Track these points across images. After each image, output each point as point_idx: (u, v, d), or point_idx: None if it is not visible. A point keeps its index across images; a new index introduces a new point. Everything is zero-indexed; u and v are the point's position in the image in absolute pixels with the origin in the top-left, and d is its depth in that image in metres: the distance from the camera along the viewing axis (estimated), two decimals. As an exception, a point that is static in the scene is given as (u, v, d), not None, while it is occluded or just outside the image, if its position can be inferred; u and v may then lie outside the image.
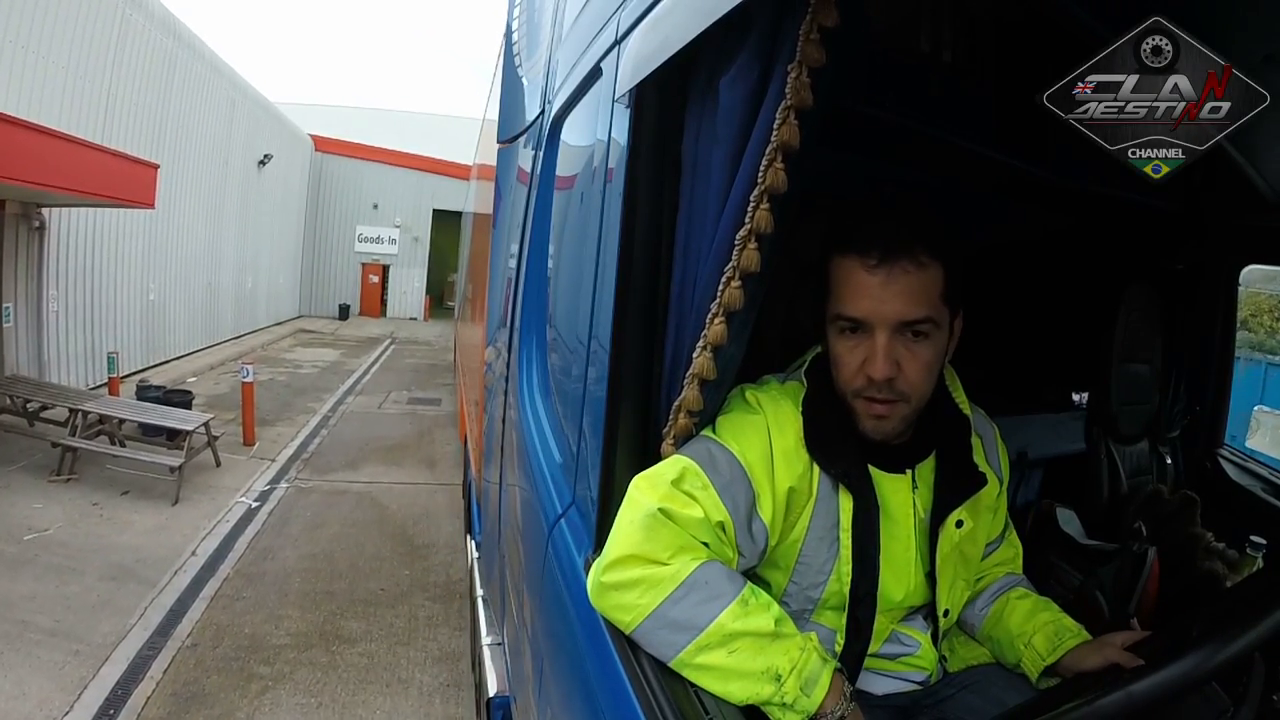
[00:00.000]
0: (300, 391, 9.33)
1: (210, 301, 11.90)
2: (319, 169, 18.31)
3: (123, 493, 5.09)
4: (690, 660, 0.80)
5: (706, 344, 0.83)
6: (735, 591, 0.81)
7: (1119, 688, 0.74)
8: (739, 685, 0.79)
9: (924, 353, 0.89)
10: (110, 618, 3.48)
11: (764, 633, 0.80)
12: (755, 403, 0.93)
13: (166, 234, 10.00)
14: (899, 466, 0.96)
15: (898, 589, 0.95)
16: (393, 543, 4.69)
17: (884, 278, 0.86)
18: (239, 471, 5.85)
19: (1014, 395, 1.82)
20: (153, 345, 9.75)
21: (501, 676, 1.74)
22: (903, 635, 1.01)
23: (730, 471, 0.87)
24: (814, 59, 0.70)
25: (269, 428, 7.22)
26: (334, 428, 7.64)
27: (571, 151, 1.43)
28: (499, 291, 2.37)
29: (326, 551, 4.47)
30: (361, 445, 6.98)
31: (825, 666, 0.81)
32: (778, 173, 0.75)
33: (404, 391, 9.84)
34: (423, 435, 7.58)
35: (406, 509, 5.30)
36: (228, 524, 4.82)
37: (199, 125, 10.81)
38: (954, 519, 0.96)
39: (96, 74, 7.72)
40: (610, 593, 0.83)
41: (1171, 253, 2.06)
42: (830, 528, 0.91)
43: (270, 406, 8.10)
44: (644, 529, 0.82)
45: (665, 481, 0.84)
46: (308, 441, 7.02)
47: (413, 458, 6.70)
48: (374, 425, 7.84)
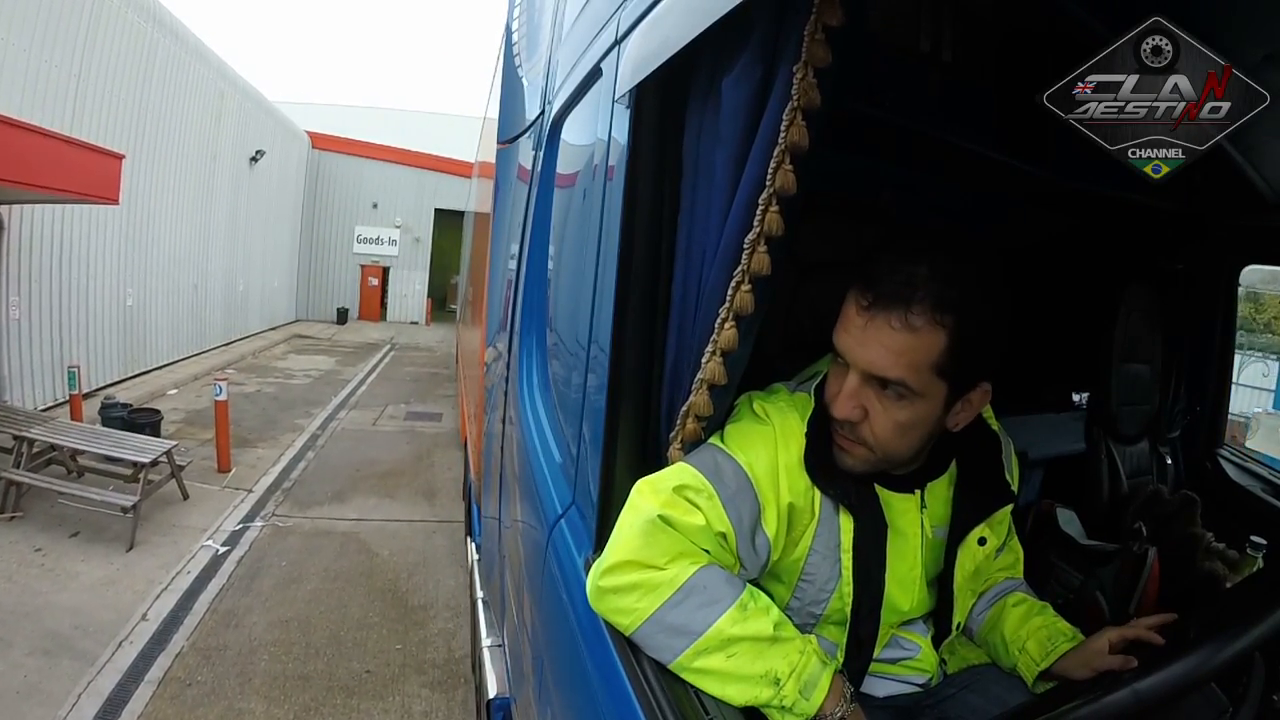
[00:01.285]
0: (288, 405, 8.46)
1: (197, 306, 11.11)
2: (316, 167, 17.50)
3: (72, 534, 4.34)
4: (689, 664, 0.80)
5: (717, 349, 0.82)
6: (734, 596, 0.81)
7: (1122, 686, 0.74)
8: (738, 688, 0.79)
9: (897, 411, 0.84)
10: (35, 710, 2.85)
11: (763, 637, 0.80)
12: (763, 413, 0.92)
13: (147, 234, 9.14)
14: (908, 486, 0.95)
15: (903, 603, 0.96)
16: (383, 603, 3.92)
17: (867, 321, 0.82)
18: (209, 505, 5.08)
19: (1014, 395, 1.82)
20: (131, 355, 8.87)
21: (501, 678, 1.74)
22: (903, 639, 1.01)
23: (736, 483, 0.86)
24: (820, 59, 0.70)
25: (249, 449, 6.47)
26: (322, 449, 6.81)
27: (571, 152, 1.43)
28: (499, 293, 2.37)
29: (302, 617, 3.69)
30: (351, 471, 6.15)
31: (825, 669, 0.81)
32: (787, 174, 0.74)
33: (402, 405, 8.95)
34: (421, 458, 6.73)
35: (400, 556, 4.52)
36: (188, 576, 4.05)
37: (183, 117, 9.93)
38: (976, 536, 0.96)
39: (64, 59, 6.96)
40: (608, 596, 0.83)
41: (1171, 253, 2.06)
42: (833, 548, 0.91)
43: (253, 423, 7.37)
44: (643, 534, 0.82)
45: (668, 488, 0.84)
46: (291, 467, 6.19)
47: (409, 487, 5.88)
48: (367, 446, 6.99)
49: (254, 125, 13.12)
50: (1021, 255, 1.92)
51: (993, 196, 1.67)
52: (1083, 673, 0.93)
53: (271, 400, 8.69)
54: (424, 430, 7.80)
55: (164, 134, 9.39)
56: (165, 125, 9.39)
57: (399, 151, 18.38)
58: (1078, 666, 0.94)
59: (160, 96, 9.15)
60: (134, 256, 8.86)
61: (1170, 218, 1.89)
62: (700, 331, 0.85)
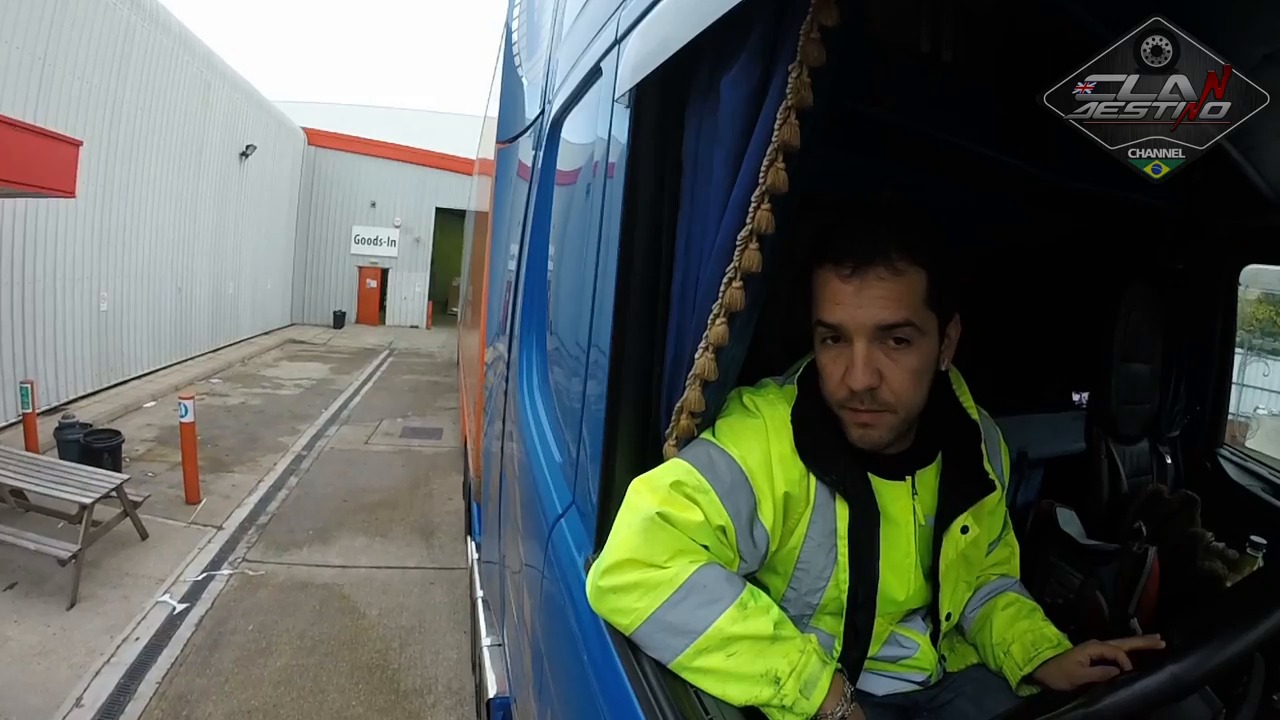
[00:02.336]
0: (274, 420, 7.68)
1: (181, 310, 10.31)
2: (312, 164, 16.63)
3: (8, 586, 3.65)
4: (689, 663, 0.80)
5: (709, 345, 0.83)
6: (734, 595, 0.81)
7: (1122, 687, 0.74)
8: (738, 688, 0.79)
9: (908, 360, 0.86)
10: None
11: (763, 636, 0.80)
12: (753, 406, 0.93)
13: (123, 232, 8.37)
14: (899, 473, 0.95)
15: (898, 592, 0.95)
16: (369, 685, 3.13)
17: (858, 285, 0.85)
18: (170, 548, 4.29)
19: (1014, 395, 1.83)
20: (105, 364, 8.06)
21: (501, 677, 1.74)
22: (901, 637, 1.01)
23: (731, 476, 0.86)
24: (815, 58, 0.70)
25: (224, 475, 5.68)
26: (306, 475, 5.98)
27: (571, 151, 1.43)
28: (499, 293, 2.37)
29: (269, 706, 2.93)
30: (338, 502, 5.36)
31: (825, 668, 0.81)
32: (778, 173, 0.75)
33: (398, 419, 8.18)
34: (417, 485, 5.88)
35: (391, 617, 3.73)
36: (136, 644, 3.29)
37: (166, 108, 9.19)
38: (959, 524, 0.96)
39: (26, 40, 6.29)
40: (608, 596, 0.83)
41: (1171, 253, 2.06)
42: (828, 534, 0.91)
43: (232, 442, 6.59)
44: (642, 533, 0.82)
45: (664, 485, 0.84)
46: (270, 496, 5.41)
47: (403, 522, 5.08)
48: (357, 470, 6.21)
49: (244, 119, 12.35)
50: (1022, 255, 1.92)
51: (993, 196, 1.67)
52: (1061, 683, 0.94)
53: (256, 414, 7.92)
54: (421, 450, 6.99)
55: (144, 125, 8.65)
56: (145, 116, 8.67)
57: (398, 148, 17.62)
58: (1057, 676, 0.95)
59: (140, 85, 8.44)
60: (109, 256, 8.08)
61: (1170, 218, 1.89)
62: (697, 330, 0.85)
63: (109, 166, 7.89)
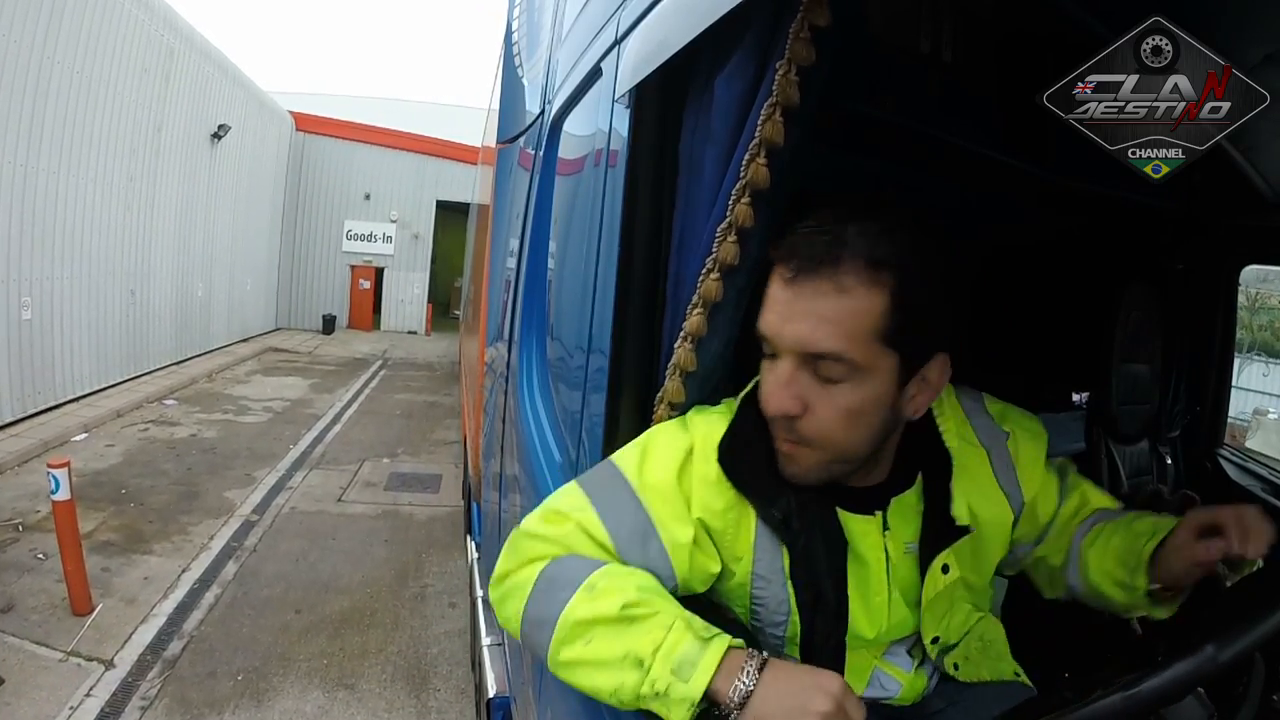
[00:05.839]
0: (225, 462, 5.85)
1: (135, 317, 8.49)
2: (299, 151, 14.65)
3: None
4: (557, 658, 0.72)
5: (686, 334, 0.83)
6: (584, 577, 0.73)
7: (1120, 689, 0.74)
8: (604, 677, 0.69)
9: (840, 397, 0.71)
10: None
11: (611, 617, 0.69)
12: (689, 423, 0.84)
13: (53, 225, 6.69)
14: (868, 507, 0.83)
15: (868, 630, 0.85)
16: None
17: (793, 295, 0.71)
18: (27, 709, 2.70)
19: (1014, 395, 1.83)
20: (32, 385, 6.43)
21: (501, 677, 1.75)
22: (884, 676, 0.91)
23: (617, 494, 0.80)
24: (802, 57, 0.70)
25: (137, 558, 4.00)
26: (250, 558, 4.23)
27: (572, 151, 1.43)
28: (499, 292, 2.37)
29: None
30: (289, 614, 3.59)
31: (706, 645, 0.66)
32: (759, 168, 0.75)
33: (384, 461, 6.31)
34: (405, 577, 4.10)
35: None
36: None
37: (113, 74, 7.45)
38: (939, 564, 0.85)
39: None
40: (498, 610, 0.82)
41: (1171, 253, 2.06)
42: (776, 570, 0.80)
43: (163, 499, 4.87)
44: (510, 547, 0.82)
45: (546, 508, 0.83)
46: (192, 601, 3.64)
47: (379, 655, 3.29)
48: (322, 549, 4.39)
49: (217, 94, 10.34)
50: (1022, 255, 1.92)
51: (993, 196, 1.67)
52: (1190, 573, 0.84)
53: (205, 454, 6.05)
54: (413, 513, 5.10)
55: (82, 94, 6.93)
56: (84, 82, 6.94)
57: (396, 134, 15.48)
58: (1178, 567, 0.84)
59: (75, 45, 6.70)
60: (31, 253, 6.41)
61: (1170, 218, 1.89)
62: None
63: (33, 142, 6.28)
